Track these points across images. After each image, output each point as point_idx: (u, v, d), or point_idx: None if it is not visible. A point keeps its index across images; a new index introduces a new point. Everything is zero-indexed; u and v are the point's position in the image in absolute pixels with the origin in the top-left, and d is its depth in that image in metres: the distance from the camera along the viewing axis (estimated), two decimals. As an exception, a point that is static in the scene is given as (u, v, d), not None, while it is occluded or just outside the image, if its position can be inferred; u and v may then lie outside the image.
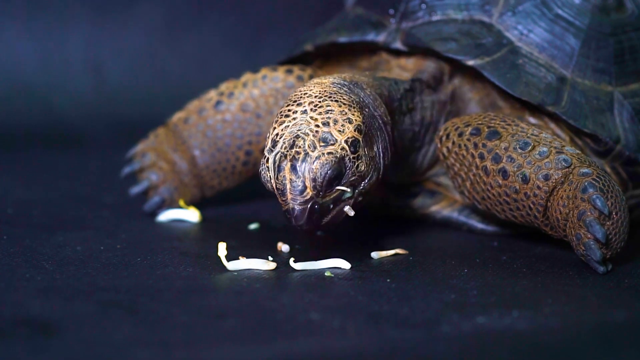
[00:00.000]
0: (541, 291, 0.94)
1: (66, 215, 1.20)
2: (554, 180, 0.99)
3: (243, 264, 0.98)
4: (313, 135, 0.95)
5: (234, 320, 0.84)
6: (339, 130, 0.96)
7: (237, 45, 1.94)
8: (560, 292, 0.93)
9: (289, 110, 0.98)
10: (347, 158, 0.95)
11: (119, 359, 0.75)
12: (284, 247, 1.05)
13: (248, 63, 1.56)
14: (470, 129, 1.05)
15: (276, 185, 0.95)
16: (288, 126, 0.97)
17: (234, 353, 0.77)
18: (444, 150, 1.07)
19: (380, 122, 1.02)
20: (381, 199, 1.16)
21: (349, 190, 0.96)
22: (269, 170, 0.95)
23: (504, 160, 1.01)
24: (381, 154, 1.01)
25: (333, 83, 1.01)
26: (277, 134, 0.97)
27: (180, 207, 1.19)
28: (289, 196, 0.94)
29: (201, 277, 0.95)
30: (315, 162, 0.94)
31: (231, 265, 0.98)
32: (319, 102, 0.98)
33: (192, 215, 1.18)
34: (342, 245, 1.08)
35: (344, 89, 1.01)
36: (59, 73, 1.83)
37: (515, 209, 1.02)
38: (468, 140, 1.04)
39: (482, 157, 1.03)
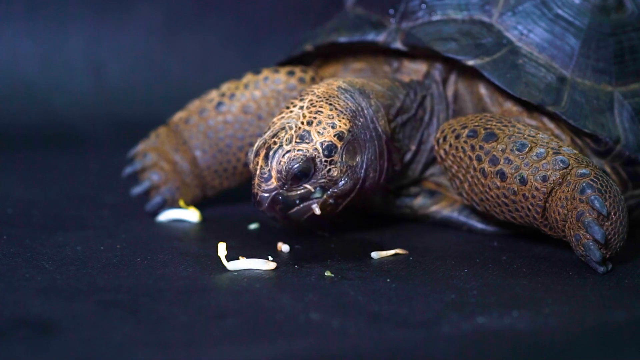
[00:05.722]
0: (541, 291, 0.94)
1: (66, 215, 1.20)
2: (551, 182, 0.99)
3: (243, 264, 0.98)
4: (295, 131, 1.01)
5: (234, 320, 0.84)
6: (318, 132, 1.01)
7: (237, 45, 1.94)
8: (560, 292, 0.93)
9: (292, 104, 1.04)
10: (318, 160, 1.00)
11: (119, 359, 0.75)
12: (284, 247, 1.05)
13: (248, 63, 1.56)
14: (467, 130, 1.05)
15: (251, 168, 1.01)
16: (283, 117, 1.03)
17: (234, 353, 0.77)
18: (441, 152, 1.07)
19: (374, 134, 1.05)
20: (382, 198, 1.16)
21: (314, 190, 1.01)
22: (250, 153, 1.02)
23: (501, 162, 1.01)
24: (364, 165, 1.04)
25: (339, 87, 1.06)
26: (273, 122, 1.03)
27: (180, 207, 1.19)
28: (256, 181, 1.01)
29: (201, 277, 0.95)
30: (285, 156, 0.99)
31: (231, 265, 0.98)
32: (317, 101, 1.03)
33: (192, 215, 1.18)
34: (342, 245, 1.08)
35: (346, 94, 1.05)
36: (59, 73, 1.83)
37: (514, 210, 1.02)
38: (465, 142, 1.04)
39: (479, 159, 1.03)
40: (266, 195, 1.00)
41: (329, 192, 1.02)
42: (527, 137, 1.02)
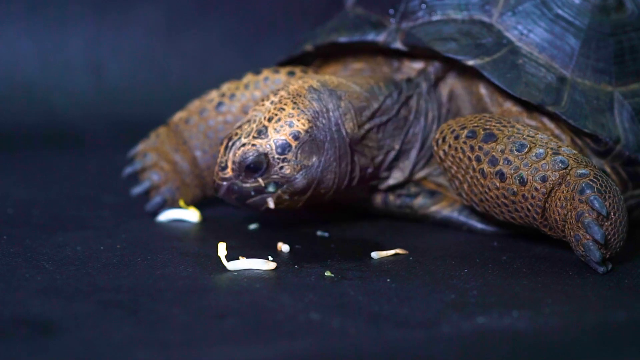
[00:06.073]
0: (541, 291, 0.94)
1: (66, 215, 1.20)
2: (551, 182, 0.99)
3: (243, 264, 0.98)
4: (256, 125, 1.04)
5: (234, 320, 0.84)
6: (275, 129, 1.04)
7: (237, 45, 1.94)
8: (560, 292, 0.93)
9: (267, 98, 1.07)
10: (271, 156, 1.03)
11: (119, 359, 0.75)
12: (284, 247, 1.05)
13: (248, 63, 1.56)
14: (466, 131, 1.05)
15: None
16: (256, 109, 1.06)
17: (234, 353, 0.77)
18: (441, 153, 1.07)
19: (336, 136, 1.06)
20: (382, 198, 1.16)
21: (265, 185, 1.04)
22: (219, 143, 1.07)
23: (500, 163, 1.01)
24: (321, 166, 1.06)
25: (310, 86, 1.07)
26: (248, 113, 1.06)
27: (180, 207, 1.19)
28: (215, 169, 1.05)
29: (201, 277, 0.95)
30: (241, 148, 1.03)
31: (231, 265, 0.98)
32: (285, 98, 1.06)
33: (192, 215, 1.18)
34: (342, 245, 1.08)
35: (314, 94, 1.06)
36: (59, 73, 1.83)
37: (513, 211, 1.02)
38: (464, 143, 1.04)
39: (478, 160, 1.03)
40: (223, 184, 1.05)
41: (283, 188, 1.05)
42: (526, 137, 1.02)
